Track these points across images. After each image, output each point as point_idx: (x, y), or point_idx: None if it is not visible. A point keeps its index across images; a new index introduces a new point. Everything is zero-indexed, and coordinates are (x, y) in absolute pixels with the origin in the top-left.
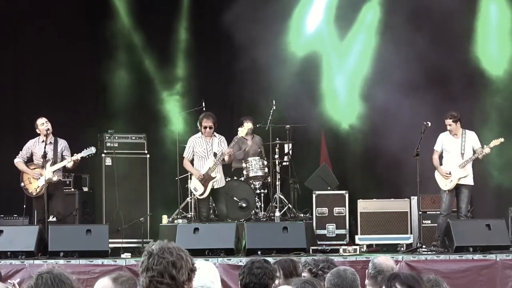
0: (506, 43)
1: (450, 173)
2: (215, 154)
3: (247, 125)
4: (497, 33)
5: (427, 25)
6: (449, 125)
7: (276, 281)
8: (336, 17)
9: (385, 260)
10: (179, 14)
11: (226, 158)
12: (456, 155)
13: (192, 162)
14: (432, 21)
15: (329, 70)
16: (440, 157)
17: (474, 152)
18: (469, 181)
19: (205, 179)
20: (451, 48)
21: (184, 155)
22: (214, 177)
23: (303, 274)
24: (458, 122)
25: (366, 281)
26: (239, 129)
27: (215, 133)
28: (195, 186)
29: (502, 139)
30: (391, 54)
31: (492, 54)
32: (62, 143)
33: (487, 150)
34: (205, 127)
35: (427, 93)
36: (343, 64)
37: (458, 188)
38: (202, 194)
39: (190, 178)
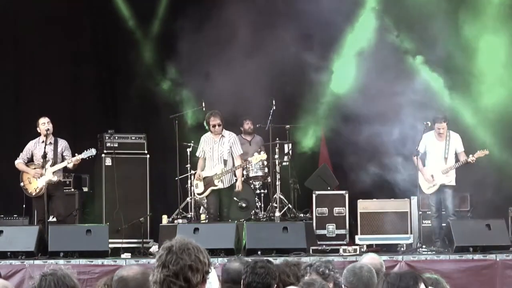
0: None
1: (433, 178)
2: (225, 162)
3: (263, 155)
4: None
5: None
6: (443, 128)
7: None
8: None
9: (371, 260)
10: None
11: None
12: (439, 158)
13: (204, 160)
14: None
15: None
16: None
17: (457, 156)
18: (452, 182)
19: (207, 182)
20: None
21: (197, 154)
22: (216, 186)
23: (310, 276)
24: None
25: None
26: (255, 154)
27: (224, 131)
28: (197, 182)
29: (487, 151)
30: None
31: None
32: (62, 143)
33: (471, 159)
34: (214, 126)
35: None
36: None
37: (441, 189)
38: (201, 194)
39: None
